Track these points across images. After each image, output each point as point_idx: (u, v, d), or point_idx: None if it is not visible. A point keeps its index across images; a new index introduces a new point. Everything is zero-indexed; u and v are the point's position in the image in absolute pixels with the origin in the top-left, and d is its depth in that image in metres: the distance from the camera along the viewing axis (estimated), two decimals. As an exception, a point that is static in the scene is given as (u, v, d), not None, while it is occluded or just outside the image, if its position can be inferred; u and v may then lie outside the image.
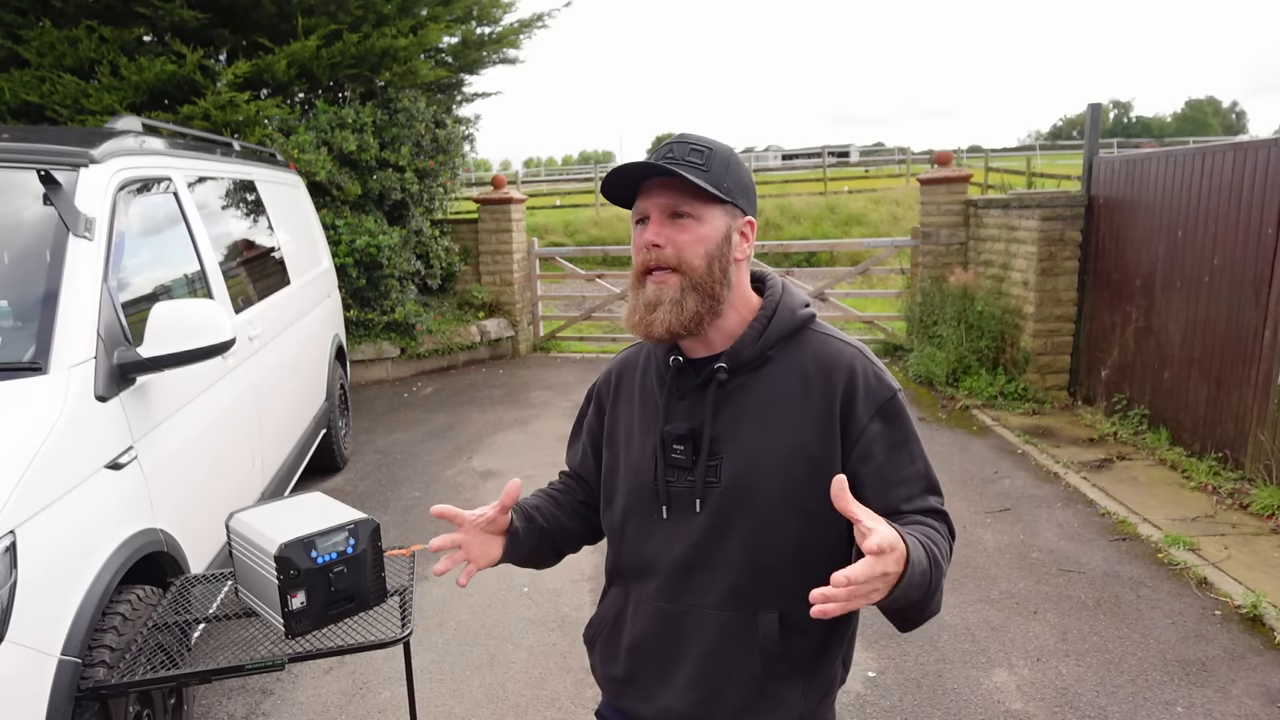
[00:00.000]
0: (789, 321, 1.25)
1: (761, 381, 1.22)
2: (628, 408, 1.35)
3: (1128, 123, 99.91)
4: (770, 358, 1.23)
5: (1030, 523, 4.23)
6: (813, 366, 1.21)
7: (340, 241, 7.15)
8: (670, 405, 1.26)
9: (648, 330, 1.20)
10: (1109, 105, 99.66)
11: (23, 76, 6.76)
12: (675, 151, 1.19)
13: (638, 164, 1.19)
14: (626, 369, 1.40)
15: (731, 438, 1.21)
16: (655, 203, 1.19)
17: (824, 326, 1.28)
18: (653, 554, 1.27)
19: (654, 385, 1.30)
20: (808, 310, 1.28)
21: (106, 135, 2.77)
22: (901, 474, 1.19)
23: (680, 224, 1.18)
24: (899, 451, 1.19)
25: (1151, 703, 2.77)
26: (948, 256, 7.49)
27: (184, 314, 2.43)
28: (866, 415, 1.18)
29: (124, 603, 2.05)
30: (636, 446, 1.30)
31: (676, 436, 1.23)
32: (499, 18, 9.12)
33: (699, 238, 1.18)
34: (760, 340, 1.23)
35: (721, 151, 1.21)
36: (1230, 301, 4.62)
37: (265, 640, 1.97)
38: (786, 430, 1.19)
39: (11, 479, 1.79)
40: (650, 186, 1.20)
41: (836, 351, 1.22)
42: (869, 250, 11.91)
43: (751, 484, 1.19)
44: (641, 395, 1.33)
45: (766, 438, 1.19)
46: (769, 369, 1.22)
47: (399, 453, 5.61)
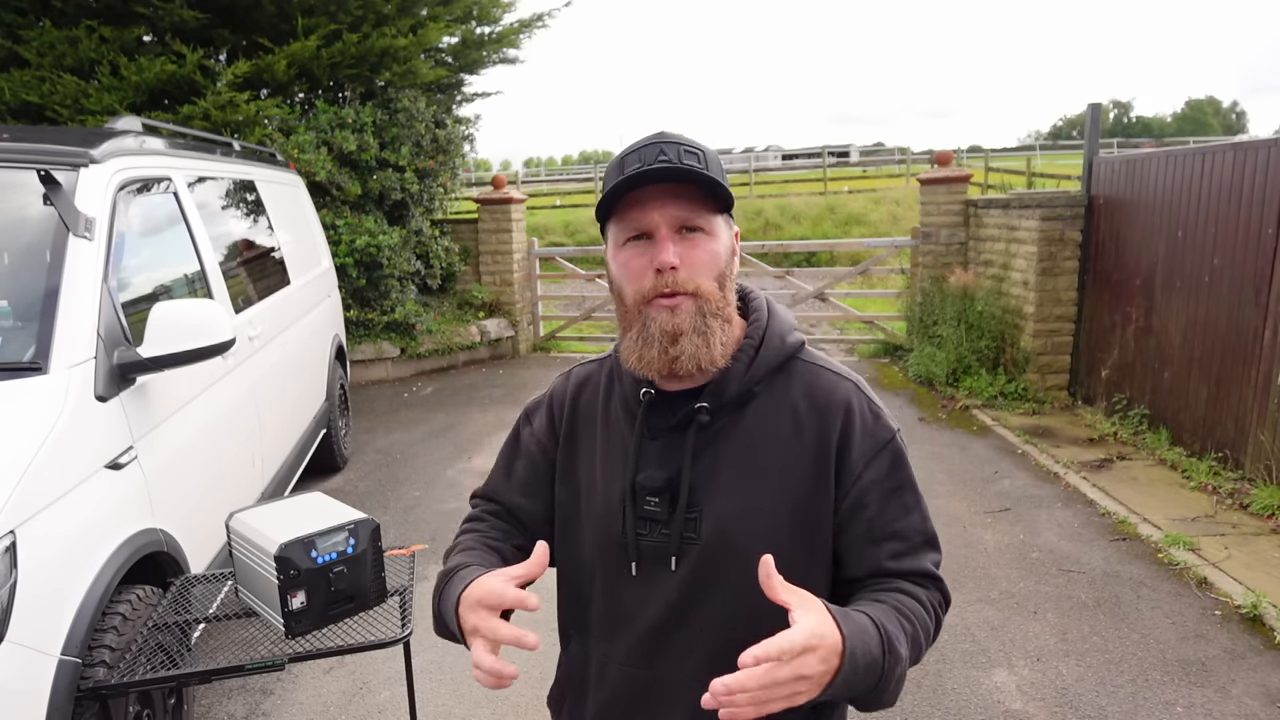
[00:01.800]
0: (778, 351, 1.09)
1: (747, 421, 1.07)
2: (588, 439, 1.17)
3: (1128, 123, 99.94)
4: (756, 393, 1.08)
5: (1030, 523, 4.23)
6: (805, 404, 1.07)
7: (340, 241, 7.15)
8: (642, 448, 1.09)
9: (671, 366, 1.02)
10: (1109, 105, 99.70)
11: (23, 76, 6.76)
12: (669, 154, 1.01)
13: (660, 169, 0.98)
14: (586, 390, 1.20)
15: (712, 487, 1.05)
16: (665, 215, 1.01)
17: (814, 355, 1.14)
18: (621, 613, 1.10)
19: (620, 419, 1.13)
20: (797, 337, 1.12)
21: (106, 135, 2.77)
22: (893, 526, 1.05)
23: (692, 240, 1.02)
24: (893, 500, 1.06)
25: (1151, 703, 2.77)
26: (948, 256, 7.49)
27: (184, 314, 2.44)
28: (863, 460, 1.05)
29: (124, 603, 2.05)
30: (601, 491, 1.12)
31: (651, 489, 1.06)
32: (499, 18, 9.13)
33: (713, 256, 1.03)
34: (747, 374, 1.07)
35: (713, 154, 1.06)
36: (1230, 301, 4.62)
37: (265, 640, 1.97)
38: (775, 478, 1.05)
39: (11, 479, 1.79)
40: (649, 195, 1.01)
41: (831, 386, 1.08)
42: (869, 250, 11.92)
43: (735, 540, 1.04)
44: (606, 428, 1.15)
45: (752, 487, 1.05)
46: (755, 406, 1.07)
47: (399, 453, 5.61)
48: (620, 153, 1.05)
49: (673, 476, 1.06)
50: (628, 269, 1.04)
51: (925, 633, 1.01)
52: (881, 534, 1.05)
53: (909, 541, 1.06)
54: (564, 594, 1.20)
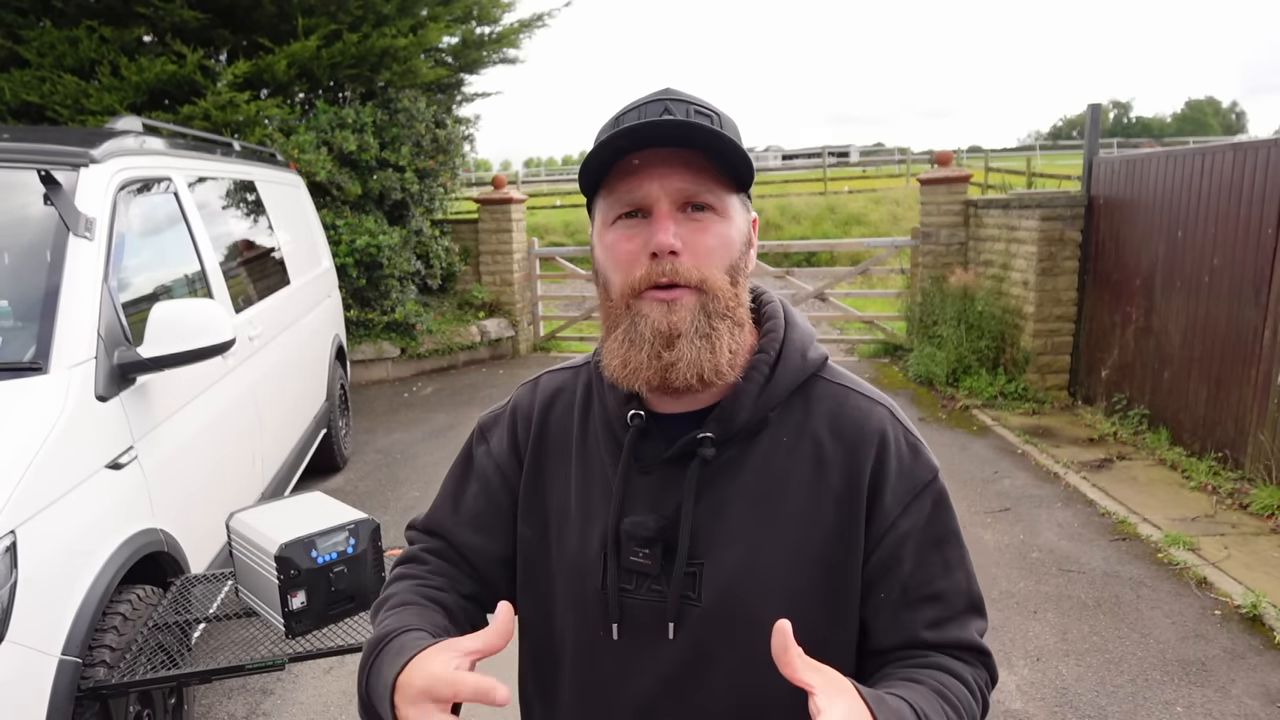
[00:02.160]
0: (798, 369, 0.89)
1: (759, 455, 0.86)
2: (560, 466, 0.95)
3: (1127, 123, 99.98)
4: (770, 420, 0.87)
5: (1030, 523, 4.23)
6: (829, 434, 0.87)
7: (340, 241, 7.15)
8: (629, 483, 0.87)
9: (664, 375, 0.81)
10: (1109, 105, 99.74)
11: (23, 76, 6.76)
12: (676, 113, 0.81)
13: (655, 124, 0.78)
14: (558, 405, 0.98)
15: (716, 537, 0.85)
16: (666, 186, 0.80)
17: (839, 373, 0.92)
18: (599, 685, 0.90)
19: (601, 445, 0.91)
20: (820, 351, 0.91)
21: (107, 135, 2.77)
22: (932, 587, 0.86)
23: (699, 221, 0.81)
24: (932, 556, 0.87)
25: (1151, 702, 2.77)
26: (948, 256, 7.49)
27: (184, 314, 2.44)
28: (898, 506, 0.85)
29: (124, 603, 2.05)
30: (576, 534, 0.91)
31: (642, 537, 0.85)
32: (499, 18, 9.13)
33: (724, 242, 0.83)
34: (761, 396, 0.86)
35: (728, 117, 0.85)
36: (1230, 301, 4.62)
37: (265, 640, 1.97)
38: (794, 526, 0.85)
39: (12, 479, 1.79)
40: (647, 163, 0.80)
41: (861, 414, 0.88)
42: (869, 250, 11.91)
43: (744, 602, 0.84)
44: (584, 455, 0.93)
45: (766, 537, 0.85)
46: (769, 435, 0.87)
47: (399, 453, 5.62)
48: (617, 111, 0.85)
49: (667, 523, 0.85)
50: (615, 253, 0.83)
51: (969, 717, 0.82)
52: (918, 596, 0.86)
53: (950, 606, 0.87)
54: (527, 654, 0.98)
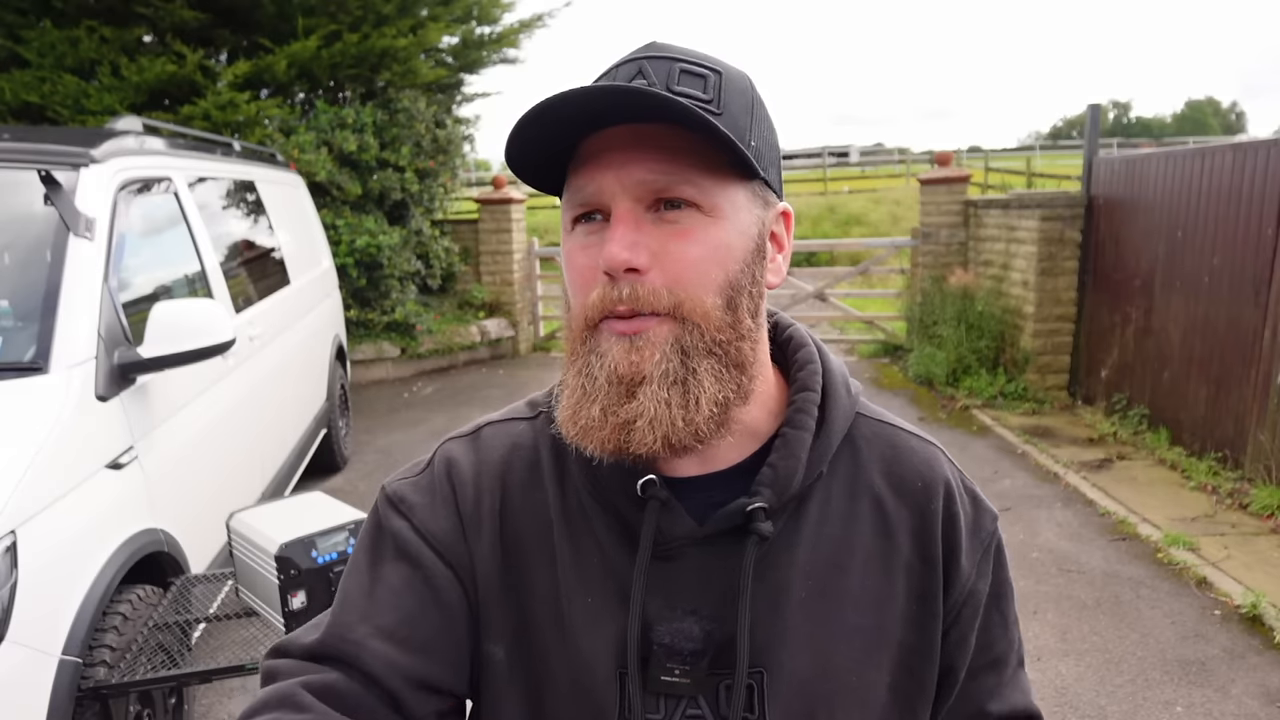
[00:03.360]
0: (847, 409, 0.72)
1: (811, 523, 0.68)
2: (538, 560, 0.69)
3: (1127, 123, 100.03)
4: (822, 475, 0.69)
5: (1030, 523, 4.23)
6: (888, 488, 0.70)
7: (340, 241, 7.15)
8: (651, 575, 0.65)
9: (621, 437, 0.60)
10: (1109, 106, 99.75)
11: (23, 77, 6.76)
12: (651, 76, 0.60)
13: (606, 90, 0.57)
14: (515, 468, 0.71)
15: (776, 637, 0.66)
16: (625, 179, 0.60)
17: (870, 407, 0.76)
18: None
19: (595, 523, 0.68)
20: (856, 385, 0.75)
21: (107, 135, 2.78)
22: (994, 651, 0.74)
23: (674, 223, 0.60)
24: (994, 615, 0.74)
25: (1151, 702, 2.77)
26: (948, 256, 7.49)
27: (184, 314, 2.44)
28: (973, 568, 0.71)
29: (124, 602, 2.05)
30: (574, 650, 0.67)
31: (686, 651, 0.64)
32: (499, 18, 9.13)
33: (714, 250, 0.61)
34: (816, 449, 0.68)
35: (736, 78, 0.64)
36: (1230, 301, 4.62)
37: (265, 640, 1.98)
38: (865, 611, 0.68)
39: (12, 479, 1.79)
40: (608, 144, 0.60)
41: (921, 462, 0.72)
42: (869, 250, 11.90)
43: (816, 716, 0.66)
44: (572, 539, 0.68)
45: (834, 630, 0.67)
46: (819, 496, 0.69)
47: (399, 453, 5.61)
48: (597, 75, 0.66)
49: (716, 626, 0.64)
50: (570, 268, 0.64)
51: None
52: (981, 663, 0.74)
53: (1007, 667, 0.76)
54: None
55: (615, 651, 0.65)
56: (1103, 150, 6.34)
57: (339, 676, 0.63)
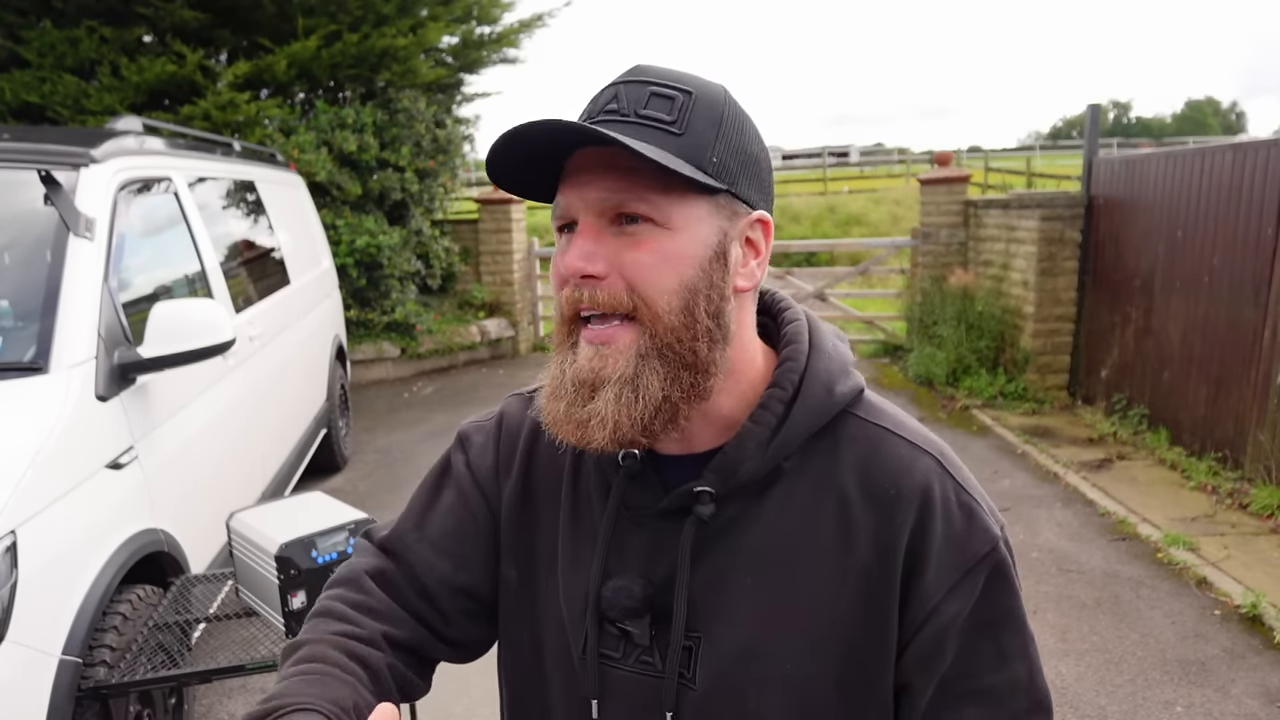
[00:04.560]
0: (820, 407, 0.72)
1: (771, 513, 0.72)
2: (550, 502, 0.81)
3: (1127, 123, 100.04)
4: (784, 470, 0.72)
5: (1030, 523, 4.23)
6: (857, 488, 0.71)
7: (340, 241, 7.15)
8: (617, 536, 0.75)
9: (580, 433, 0.68)
10: (1109, 106, 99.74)
11: (23, 77, 6.76)
12: (623, 100, 0.67)
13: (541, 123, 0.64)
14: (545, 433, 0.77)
15: (714, 612, 0.71)
16: (586, 197, 0.67)
17: (878, 409, 0.76)
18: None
19: (594, 485, 0.78)
20: (852, 383, 0.75)
21: (107, 135, 2.78)
22: (980, 681, 0.70)
23: (632, 234, 0.67)
24: (983, 644, 0.70)
25: (1151, 702, 2.77)
26: (947, 256, 7.49)
27: (184, 314, 2.44)
28: (943, 586, 0.69)
29: (124, 602, 2.06)
30: (561, 587, 0.78)
31: (623, 607, 0.72)
32: (499, 17, 9.13)
33: (665, 259, 0.67)
34: (772, 444, 0.71)
35: (708, 96, 0.69)
36: (1230, 301, 4.62)
37: (265, 640, 1.97)
38: (810, 606, 0.70)
39: (12, 479, 1.79)
40: (580, 164, 0.68)
41: (899, 465, 0.72)
42: (869, 250, 11.90)
43: (742, 694, 0.71)
44: (573, 493, 0.79)
45: (774, 617, 0.71)
46: (784, 488, 0.72)
47: (399, 453, 5.61)
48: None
49: (656, 591, 0.72)
50: (553, 270, 0.73)
51: None
52: (960, 691, 0.71)
53: (1002, 707, 0.71)
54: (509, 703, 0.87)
55: (583, 596, 0.75)
56: (1103, 150, 6.34)
57: (392, 567, 0.84)
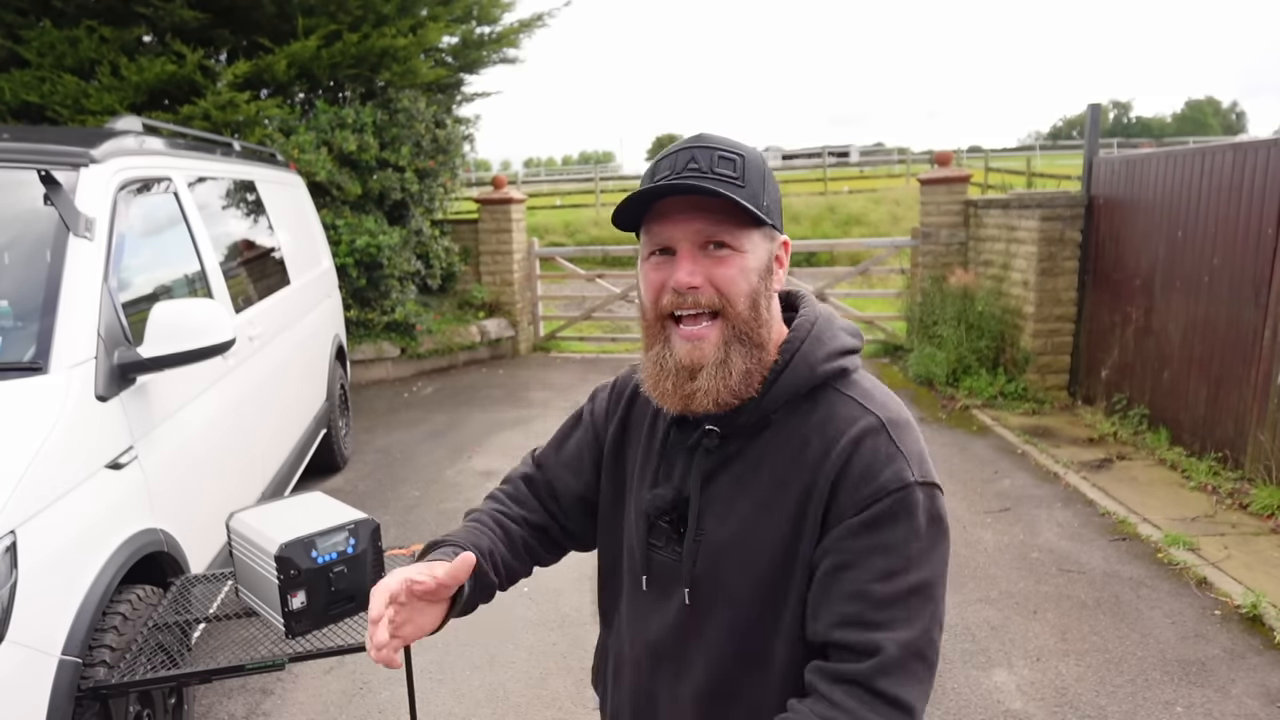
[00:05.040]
0: (803, 379, 0.99)
1: (755, 449, 0.99)
2: (635, 440, 1.14)
3: (1127, 123, 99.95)
4: (773, 421, 0.99)
5: (1030, 523, 4.23)
6: (816, 435, 0.96)
7: (340, 241, 7.15)
8: (666, 463, 1.07)
9: (687, 403, 0.97)
10: (1109, 105, 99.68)
11: (23, 76, 6.76)
12: (700, 161, 0.94)
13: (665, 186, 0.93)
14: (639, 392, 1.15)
15: (719, 516, 1.00)
16: (685, 230, 0.95)
17: (857, 385, 1.01)
18: (636, 622, 1.11)
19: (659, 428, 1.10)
20: (835, 365, 1.00)
21: (106, 135, 2.77)
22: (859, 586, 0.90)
23: (719, 256, 0.95)
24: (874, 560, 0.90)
25: (1151, 702, 2.77)
26: (948, 256, 7.49)
27: (184, 314, 2.44)
28: (855, 506, 0.91)
29: (124, 602, 2.05)
30: (633, 498, 1.11)
31: (659, 507, 1.04)
32: (499, 17, 9.13)
33: (741, 273, 0.95)
34: (763, 400, 0.98)
35: (754, 160, 0.97)
36: (1230, 301, 4.62)
37: (265, 640, 1.97)
38: (766, 513, 0.97)
39: (12, 479, 1.79)
40: (672, 207, 0.95)
41: (848, 417, 0.96)
42: (869, 250, 11.90)
43: (725, 573, 0.99)
44: (650, 435, 1.12)
45: (750, 520, 0.98)
46: (769, 434, 0.99)
47: (399, 453, 5.61)
48: (657, 156, 1.00)
49: (678, 498, 1.03)
50: (647, 282, 0.99)
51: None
52: (841, 591, 0.91)
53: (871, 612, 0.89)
54: (601, 579, 1.21)
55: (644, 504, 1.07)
56: (1103, 150, 6.34)
57: (539, 474, 1.24)
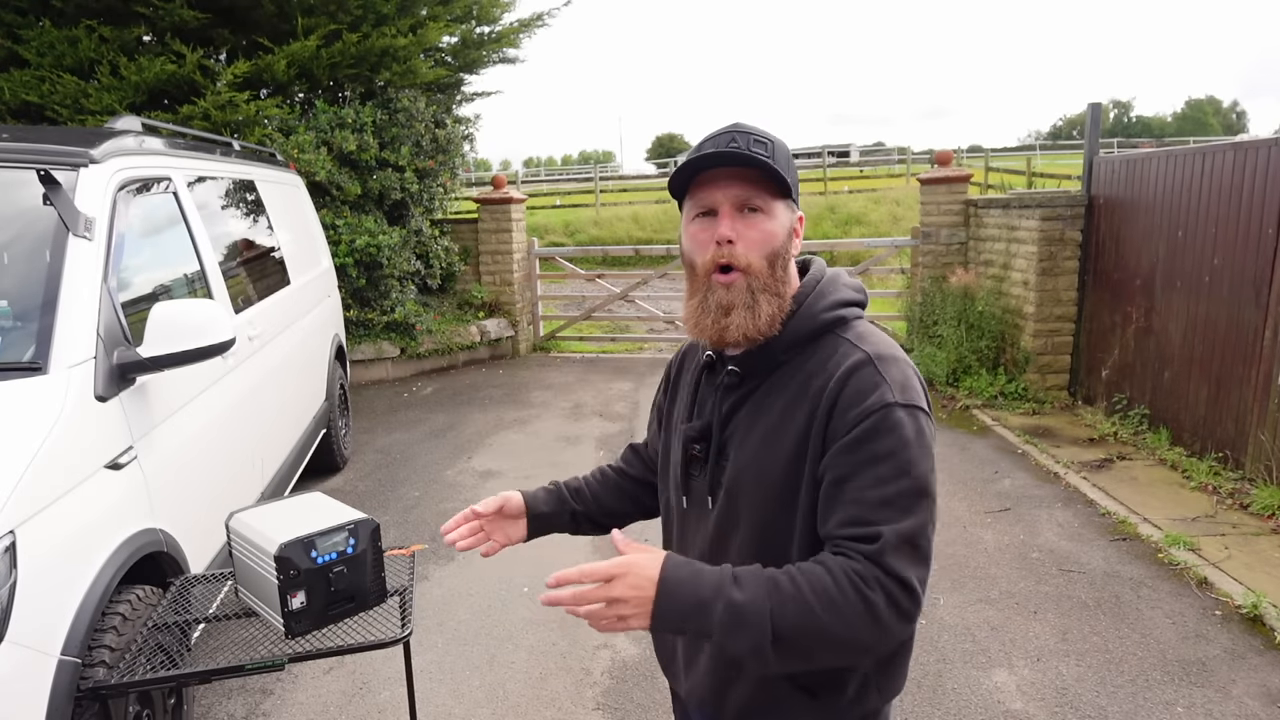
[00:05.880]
0: (808, 324, 1.18)
1: (769, 386, 1.18)
2: (681, 392, 1.37)
3: (1128, 122, 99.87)
4: (783, 362, 1.18)
5: (1030, 523, 4.23)
6: (818, 371, 1.15)
7: (340, 241, 7.15)
8: (697, 401, 1.28)
9: (720, 335, 1.16)
10: (1109, 105, 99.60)
11: (23, 76, 6.75)
12: (740, 142, 1.13)
13: (716, 154, 1.12)
14: (689, 353, 1.40)
15: (739, 442, 1.19)
16: (728, 194, 1.14)
17: (857, 332, 1.19)
18: (684, 542, 1.31)
19: (692, 376, 1.33)
20: (835, 313, 1.19)
21: (106, 135, 2.77)
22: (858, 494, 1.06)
23: (750, 219, 1.14)
24: (865, 471, 1.06)
25: (1151, 703, 2.77)
26: (948, 256, 7.49)
27: (184, 314, 2.43)
28: (847, 425, 1.08)
29: (124, 603, 2.05)
30: (676, 435, 1.32)
31: (692, 436, 1.25)
32: (499, 17, 9.12)
33: (768, 235, 1.15)
34: (773, 345, 1.17)
35: (782, 146, 1.17)
36: (1230, 301, 4.62)
37: (265, 640, 1.97)
38: (774, 438, 1.15)
39: (11, 479, 1.79)
40: (716, 177, 1.15)
41: (844, 355, 1.14)
42: (869, 250, 11.91)
43: (744, 489, 1.18)
44: (688, 386, 1.34)
45: (758, 444, 1.17)
46: (782, 373, 1.18)
47: (399, 453, 5.61)
48: (702, 139, 1.20)
49: (707, 427, 1.23)
50: (695, 241, 1.18)
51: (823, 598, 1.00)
52: (842, 498, 1.07)
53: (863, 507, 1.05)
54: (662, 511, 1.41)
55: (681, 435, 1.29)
56: (1103, 150, 6.33)
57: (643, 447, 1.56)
